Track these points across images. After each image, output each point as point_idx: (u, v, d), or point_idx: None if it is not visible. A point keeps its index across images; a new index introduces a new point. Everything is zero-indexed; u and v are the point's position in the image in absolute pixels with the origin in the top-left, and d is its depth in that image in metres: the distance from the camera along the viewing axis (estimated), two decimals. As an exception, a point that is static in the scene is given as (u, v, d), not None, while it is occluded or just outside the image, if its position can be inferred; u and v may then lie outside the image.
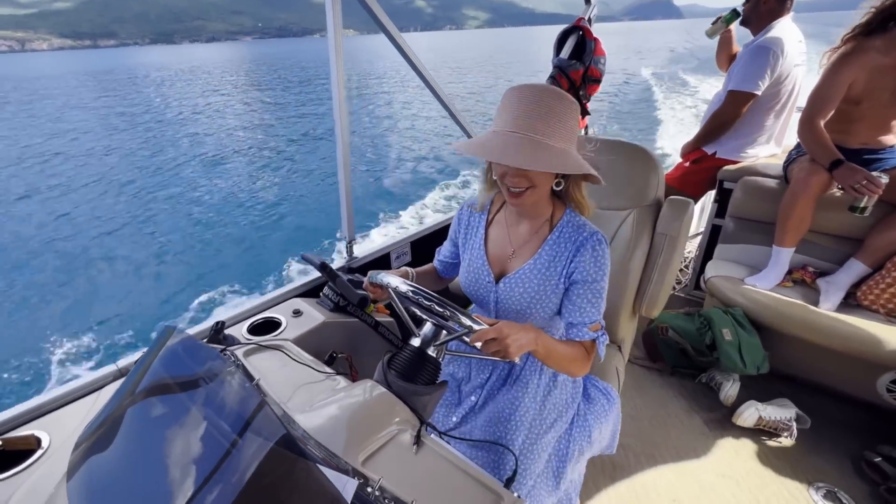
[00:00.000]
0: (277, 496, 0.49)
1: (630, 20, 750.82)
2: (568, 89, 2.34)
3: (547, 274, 1.05)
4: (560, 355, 0.99)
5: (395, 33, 1.64)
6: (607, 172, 1.46)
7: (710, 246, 2.46)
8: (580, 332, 1.03)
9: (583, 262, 1.02)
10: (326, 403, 0.88)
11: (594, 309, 1.03)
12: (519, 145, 0.87)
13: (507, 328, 0.86)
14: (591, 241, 1.03)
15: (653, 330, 2.09)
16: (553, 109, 0.89)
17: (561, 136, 0.90)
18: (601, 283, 1.03)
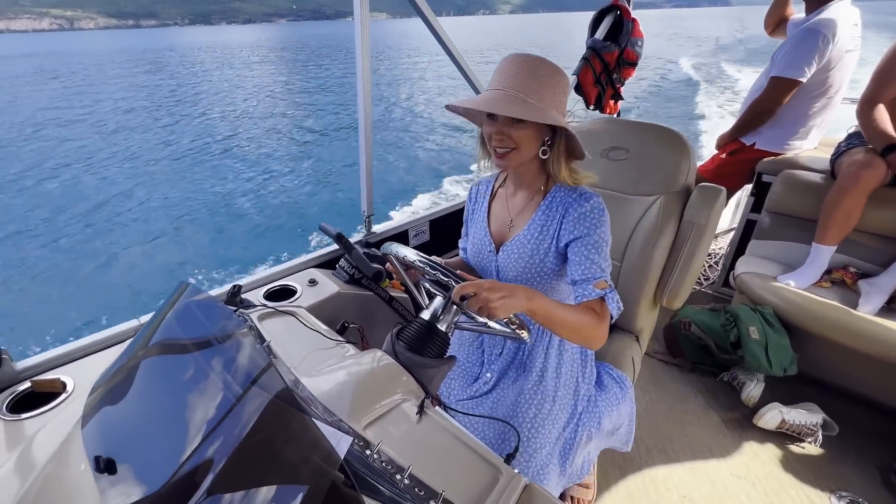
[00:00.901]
0: (273, 446, 0.50)
1: (672, 7, 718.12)
2: (601, 72, 2.26)
3: (539, 238, 1.05)
4: (564, 318, 0.93)
5: (430, 15, 1.63)
6: (635, 155, 1.41)
7: (742, 242, 2.35)
8: (585, 291, 0.99)
9: (571, 220, 1.00)
10: (334, 369, 0.88)
11: (594, 265, 0.99)
12: (501, 100, 0.91)
13: (490, 284, 0.83)
14: (578, 199, 1.01)
15: (674, 324, 2.02)
16: (538, 73, 0.93)
17: (545, 99, 0.93)
18: (594, 236, 0.99)
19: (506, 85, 0.93)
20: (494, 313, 0.83)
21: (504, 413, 1.10)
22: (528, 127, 0.94)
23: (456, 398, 1.16)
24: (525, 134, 0.95)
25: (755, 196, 2.28)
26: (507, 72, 0.94)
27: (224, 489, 0.48)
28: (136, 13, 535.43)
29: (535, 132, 0.96)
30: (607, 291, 1.00)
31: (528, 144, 0.97)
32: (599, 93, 2.34)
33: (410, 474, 0.64)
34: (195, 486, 0.48)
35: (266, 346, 0.90)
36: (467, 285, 0.82)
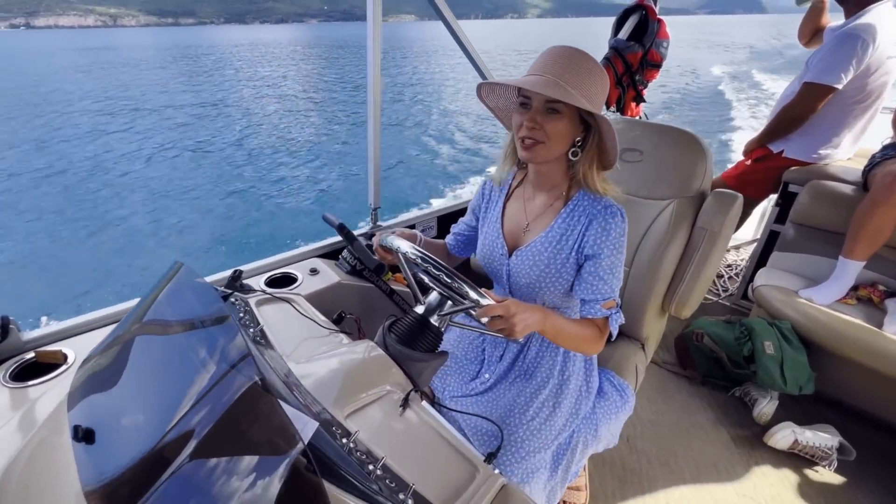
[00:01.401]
0: (240, 428, 0.50)
1: (706, 13, 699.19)
2: (623, 73, 2.21)
3: (558, 247, 1.01)
4: (569, 335, 0.96)
5: (450, 16, 1.63)
6: (649, 157, 1.37)
7: (765, 254, 2.26)
8: (592, 310, 0.99)
9: (593, 235, 0.97)
10: (324, 357, 0.89)
11: (607, 286, 0.98)
12: (542, 82, 0.86)
13: (515, 306, 0.83)
14: (604, 213, 0.97)
15: (687, 335, 1.96)
16: (583, 66, 0.88)
17: (586, 92, 0.88)
18: (614, 259, 0.97)
19: (546, 71, 0.88)
20: (514, 334, 0.83)
21: (500, 414, 1.08)
22: (563, 120, 0.89)
23: (451, 393, 1.15)
24: (559, 127, 0.90)
25: (780, 206, 2.19)
26: (548, 60, 0.89)
27: (190, 470, 0.48)
28: (174, 11, 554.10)
29: (569, 128, 0.91)
30: (613, 311, 0.99)
31: (558, 139, 0.91)
32: (620, 94, 2.28)
33: (384, 465, 0.63)
34: (163, 464, 0.49)
35: (259, 330, 0.91)
36: (497, 307, 0.81)
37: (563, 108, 0.89)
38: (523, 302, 0.88)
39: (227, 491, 0.46)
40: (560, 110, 0.89)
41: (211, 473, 0.47)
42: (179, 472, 0.48)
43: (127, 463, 0.50)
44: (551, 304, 1.11)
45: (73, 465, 0.55)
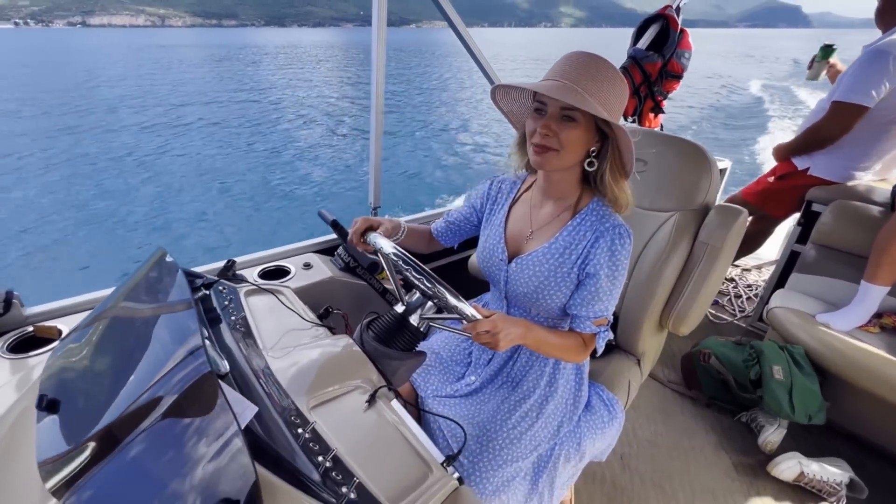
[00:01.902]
0: (183, 409, 0.51)
1: (746, 27, 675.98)
2: (640, 83, 2.17)
3: (560, 260, 0.99)
4: (551, 345, 0.95)
5: (458, 22, 1.64)
6: (653, 168, 1.34)
7: (784, 275, 2.16)
8: (582, 324, 0.98)
9: (598, 253, 0.95)
10: (301, 349, 0.90)
11: (601, 305, 0.96)
12: (558, 88, 0.83)
13: (502, 322, 0.84)
14: (612, 233, 0.95)
15: (693, 354, 1.89)
16: (602, 73, 0.85)
17: (604, 100, 0.85)
18: (614, 280, 0.95)
19: (563, 76, 0.85)
20: (498, 348, 0.84)
21: (481, 419, 1.07)
22: (579, 128, 0.86)
23: (433, 393, 1.15)
24: (573, 135, 0.87)
25: (802, 226, 2.09)
26: (566, 65, 0.86)
27: (133, 449, 0.50)
28: (218, 13, 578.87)
29: (584, 137, 0.88)
30: (602, 329, 0.98)
31: (572, 148, 0.89)
32: (637, 105, 2.24)
33: (335, 457, 0.63)
34: (111, 442, 0.50)
35: (241, 318, 0.93)
36: (485, 323, 0.81)
37: (578, 115, 0.85)
38: (508, 315, 0.89)
39: (163, 470, 0.48)
40: (576, 118, 0.86)
41: (151, 453, 0.49)
42: (123, 452, 0.49)
43: (78, 438, 0.52)
44: (546, 314, 1.10)
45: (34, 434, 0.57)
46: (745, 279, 2.82)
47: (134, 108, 15.68)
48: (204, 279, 0.92)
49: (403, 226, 1.21)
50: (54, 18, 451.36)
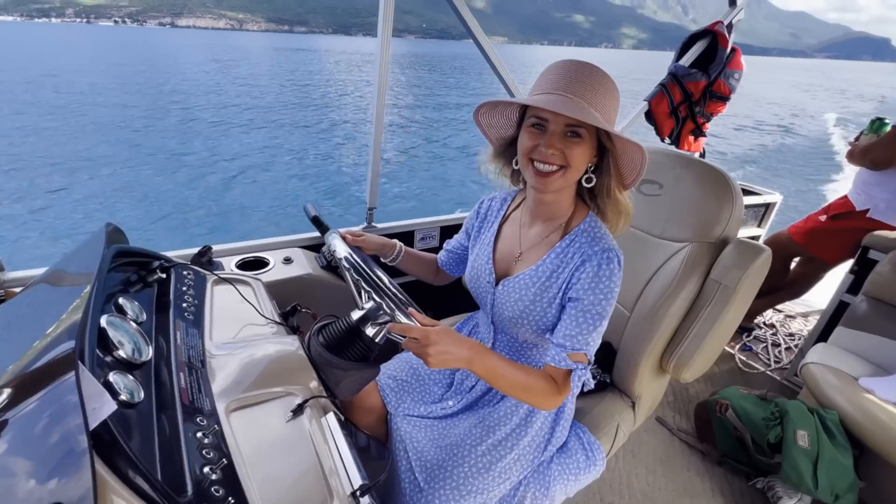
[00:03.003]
0: (29, 385, 0.48)
1: (825, 57, 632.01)
2: (680, 102, 2.02)
3: (546, 284, 0.91)
4: (509, 381, 0.85)
5: (480, 34, 1.61)
6: (668, 192, 1.21)
7: (829, 328, 1.91)
8: (557, 357, 0.87)
9: (582, 278, 0.86)
10: (246, 345, 0.86)
11: (581, 336, 0.86)
12: (565, 103, 0.76)
13: (437, 336, 0.77)
14: (599, 257, 0.85)
15: (709, 403, 1.70)
16: (600, 83, 0.79)
17: (605, 111, 0.80)
18: (598, 309, 0.85)
19: (562, 88, 0.78)
20: (427, 363, 0.76)
21: (449, 443, 1.00)
22: (584, 144, 0.80)
23: (405, 411, 1.08)
24: (580, 152, 0.81)
25: (856, 274, 1.85)
26: (561, 76, 0.79)
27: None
28: (291, 20, 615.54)
29: (589, 153, 0.83)
30: (579, 367, 0.86)
31: (578, 166, 0.83)
32: (675, 125, 2.08)
33: (226, 468, 0.58)
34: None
35: (194, 305, 0.90)
36: (414, 330, 0.75)
37: (583, 131, 0.80)
38: (460, 335, 0.81)
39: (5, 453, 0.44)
40: (581, 134, 0.80)
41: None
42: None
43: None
44: (532, 343, 1.01)
45: None
46: (787, 326, 2.54)
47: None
48: (162, 262, 0.90)
49: (399, 247, 1.17)
50: (148, 18, 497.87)
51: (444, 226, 1.78)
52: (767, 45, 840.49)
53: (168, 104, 15.85)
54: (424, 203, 8.42)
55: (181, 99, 17.24)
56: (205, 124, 13.32)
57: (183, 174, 8.99)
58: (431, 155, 11.57)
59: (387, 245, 1.16)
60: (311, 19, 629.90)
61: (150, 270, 0.88)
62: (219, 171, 9.31)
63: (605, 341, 1.32)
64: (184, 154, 10.32)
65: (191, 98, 17.63)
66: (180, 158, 10.00)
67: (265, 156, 10.52)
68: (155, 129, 12.40)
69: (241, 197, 8.00)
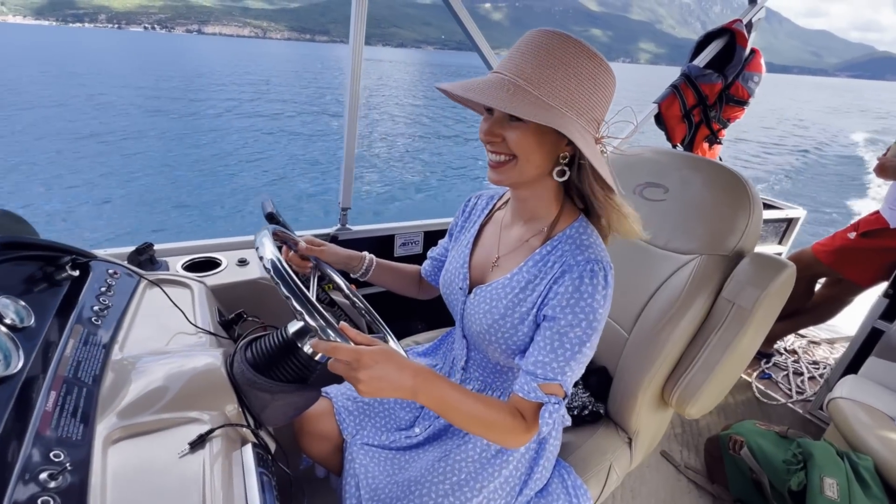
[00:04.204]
0: None
1: (847, 76, 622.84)
2: (693, 106, 1.87)
3: (519, 297, 0.77)
4: (464, 415, 0.70)
5: (483, 45, 1.53)
6: (675, 197, 1.06)
7: (860, 357, 1.71)
8: (526, 387, 0.72)
9: (560, 292, 0.71)
10: (162, 357, 0.73)
11: (555, 363, 0.71)
12: (491, 86, 0.65)
13: (371, 358, 0.62)
14: (582, 268, 0.71)
15: (722, 438, 1.51)
16: (557, 59, 0.64)
17: (560, 94, 0.64)
18: (576, 333, 0.70)
19: (508, 68, 0.66)
20: (358, 391, 0.62)
21: (413, 476, 0.86)
22: (528, 128, 0.67)
23: (364, 440, 0.94)
24: (522, 137, 0.67)
25: (890, 299, 1.65)
26: (516, 52, 0.68)
27: None
28: (312, 29, 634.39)
29: (541, 137, 0.68)
30: (551, 401, 0.71)
31: (528, 154, 0.68)
32: (687, 131, 1.92)
33: None
34: None
35: (108, 309, 0.78)
36: (347, 351, 0.60)
37: None
38: (404, 358, 0.66)
39: None
40: (522, 117, 0.66)
41: None
42: None
43: None
44: (507, 366, 0.87)
45: None
46: (810, 353, 2.32)
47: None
48: (73, 258, 0.78)
49: (367, 260, 1.03)
50: (176, 25, 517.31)
51: (428, 230, 1.64)
52: (787, 63, 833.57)
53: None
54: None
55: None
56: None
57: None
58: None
59: (353, 258, 1.02)
60: (333, 29, 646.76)
61: (59, 267, 0.76)
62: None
63: (601, 366, 1.16)
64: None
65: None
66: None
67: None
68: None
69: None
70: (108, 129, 11.95)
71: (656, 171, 1.11)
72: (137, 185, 8.18)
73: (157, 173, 8.93)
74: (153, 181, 8.51)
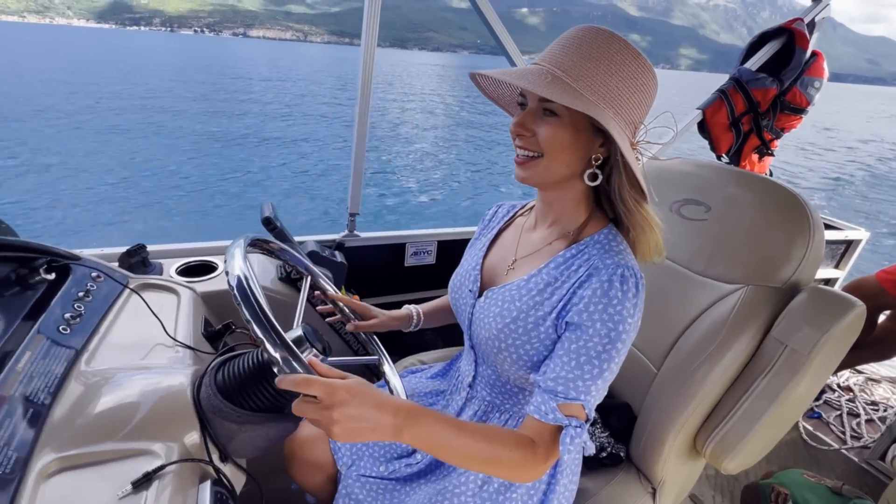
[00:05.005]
0: None
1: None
2: (743, 113, 1.71)
3: (537, 299, 0.68)
4: (461, 454, 0.60)
5: (511, 47, 1.48)
6: (718, 216, 0.93)
7: None
8: (543, 407, 0.63)
9: (586, 296, 0.63)
10: (130, 373, 0.67)
11: (578, 378, 0.62)
12: (530, 72, 0.62)
13: (346, 394, 0.53)
14: (611, 271, 0.63)
15: (762, 488, 1.34)
16: (603, 52, 0.61)
17: (600, 89, 0.61)
18: (604, 344, 0.61)
19: (547, 60, 0.63)
20: (330, 434, 0.53)
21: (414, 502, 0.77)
22: (562, 124, 0.62)
23: (360, 471, 0.85)
24: (554, 133, 0.63)
25: (974, 340, 1.43)
26: (557, 45, 0.64)
27: None
28: (350, 33, 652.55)
29: (574, 137, 0.63)
30: (572, 424, 0.61)
31: (557, 152, 0.64)
32: (734, 140, 1.75)
33: None
34: None
35: (82, 315, 0.73)
36: (319, 386, 0.51)
37: (561, 108, 0.62)
38: (384, 395, 0.57)
39: None
40: (557, 111, 0.62)
41: None
42: None
43: None
44: (519, 385, 0.77)
45: None
46: (868, 392, 2.07)
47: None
48: (49, 259, 0.74)
49: (415, 312, 0.98)
50: (223, 29, 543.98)
51: (442, 240, 1.54)
52: (842, 72, 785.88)
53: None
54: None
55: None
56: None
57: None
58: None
59: (401, 318, 0.96)
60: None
61: (33, 269, 0.72)
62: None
63: (623, 402, 1.03)
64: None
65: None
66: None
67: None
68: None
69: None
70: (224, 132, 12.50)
71: (697, 186, 0.97)
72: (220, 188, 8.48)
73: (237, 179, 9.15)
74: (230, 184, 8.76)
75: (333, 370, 0.56)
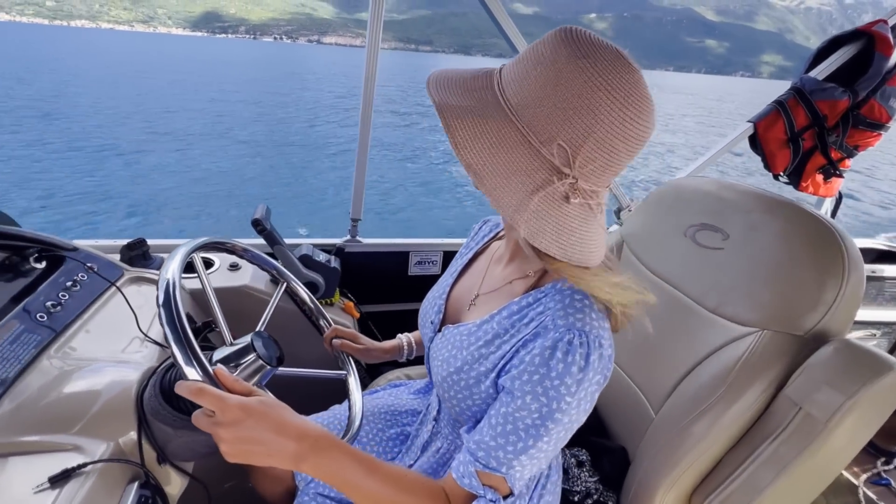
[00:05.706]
0: None
1: None
2: (805, 128, 1.51)
3: (482, 352, 0.61)
4: (365, 495, 0.55)
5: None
6: (738, 247, 0.81)
7: None
8: (462, 469, 0.57)
9: (525, 360, 0.54)
10: (86, 367, 0.70)
11: (502, 452, 0.54)
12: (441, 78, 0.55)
13: (242, 411, 0.49)
14: (559, 335, 0.53)
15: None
16: (541, 58, 0.49)
17: (527, 96, 0.49)
18: (534, 419, 0.53)
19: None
20: (222, 451, 0.49)
21: None
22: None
23: (317, 489, 0.82)
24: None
25: None
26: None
27: None
28: (417, 40, 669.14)
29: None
30: (487, 496, 0.55)
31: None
32: (792, 158, 1.54)
33: None
34: None
35: (64, 305, 0.76)
36: (213, 399, 0.48)
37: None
38: (294, 416, 0.53)
39: None
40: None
41: None
42: None
43: None
44: (468, 423, 0.71)
45: None
46: None
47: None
48: (40, 249, 0.78)
49: (405, 340, 0.97)
50: (300, 36, 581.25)
51: (448, 250, 1.49)
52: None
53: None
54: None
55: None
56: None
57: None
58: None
59: (392, 349, 0.95)
60: (436, 39, 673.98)
61: (25, 258, 0.77)
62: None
63: (619, 446, 0.93)
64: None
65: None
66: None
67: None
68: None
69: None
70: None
71: (716, 209, 0.85)
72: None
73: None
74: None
75: (242, 384, 0.53)
